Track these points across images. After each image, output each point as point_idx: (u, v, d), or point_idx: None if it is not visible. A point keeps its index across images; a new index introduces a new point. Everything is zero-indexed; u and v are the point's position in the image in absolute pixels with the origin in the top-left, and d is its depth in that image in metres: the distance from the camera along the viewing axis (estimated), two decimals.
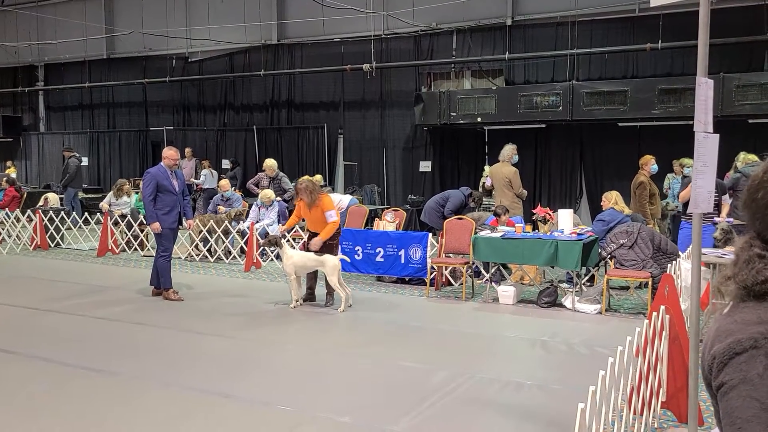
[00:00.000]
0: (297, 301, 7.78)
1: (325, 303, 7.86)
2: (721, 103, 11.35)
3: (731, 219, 7.63)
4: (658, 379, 4.21)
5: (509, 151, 10.09)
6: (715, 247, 6.81)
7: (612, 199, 8.58)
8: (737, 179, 8.19)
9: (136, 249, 12.08)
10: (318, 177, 13.91)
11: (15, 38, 20.15)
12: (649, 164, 9.22)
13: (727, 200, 8.03)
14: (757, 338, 1.22)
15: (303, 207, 7.91)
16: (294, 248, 8.60)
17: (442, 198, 10.26)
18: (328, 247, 7.80)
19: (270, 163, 12.31)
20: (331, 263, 7.54)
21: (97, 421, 4.46)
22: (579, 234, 7.80)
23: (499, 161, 10.21)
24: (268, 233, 10.41)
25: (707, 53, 3.72)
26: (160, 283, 8.26)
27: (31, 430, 4.31)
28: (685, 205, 8.24)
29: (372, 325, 7.03)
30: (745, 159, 8.57)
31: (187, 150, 16.23)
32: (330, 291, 7.87)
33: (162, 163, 8.20)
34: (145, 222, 12.10)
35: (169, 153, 8.22)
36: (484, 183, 11.57)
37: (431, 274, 8.71)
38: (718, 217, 7.78)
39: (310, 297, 8.04)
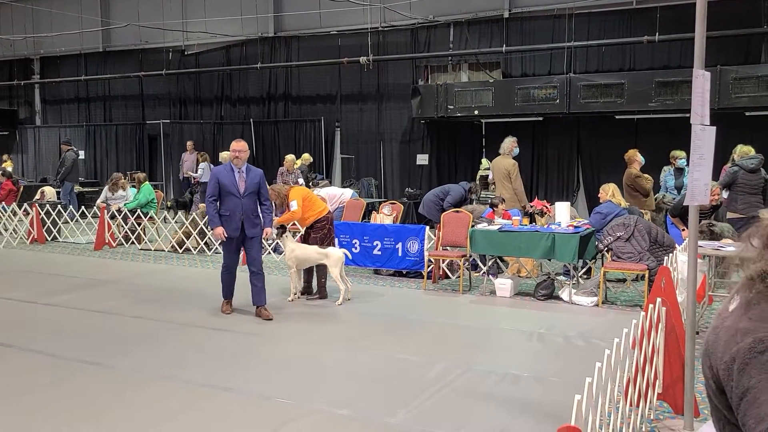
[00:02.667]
0: (295, 294, 7.78)
1: (319, 296, 7.85)
2: (718, 96, 11.36)
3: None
4: (654, 371, 4.23)
5: (509, 143, 10.09)
6: None
7: (609, 191, 8.59)
8: (735, 173, 8.15)
9: (133, 242, 12.07)
10: (306, 156, 14.11)
11: (10, 31, 20.06)
12: (636, 158, 9.24)
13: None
14: None
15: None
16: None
17: (442, 191, 10.27)
18: (323, 239, 7.81)
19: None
20: (335, 256, 7.54)
21: (95, 415, 4.46)
22: (576, 227, 7.82)
23: (499, 154, 10.21)
24: None
25: (704, 45, 3.72)
26: (223, 293, 7.25)
27: (29, 424, 4.32)
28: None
29: (369, 318, 7.05)
30: (741, 151, 8.56)
31: (189, 143, 16.18)
32: (322, 284, 7.86)
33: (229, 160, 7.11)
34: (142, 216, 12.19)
35: (231, 145, 7.00)
36: (486, 176, 11.58)
37: (428, 267, 8.71)
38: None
39: (307, 290, 8.04)
